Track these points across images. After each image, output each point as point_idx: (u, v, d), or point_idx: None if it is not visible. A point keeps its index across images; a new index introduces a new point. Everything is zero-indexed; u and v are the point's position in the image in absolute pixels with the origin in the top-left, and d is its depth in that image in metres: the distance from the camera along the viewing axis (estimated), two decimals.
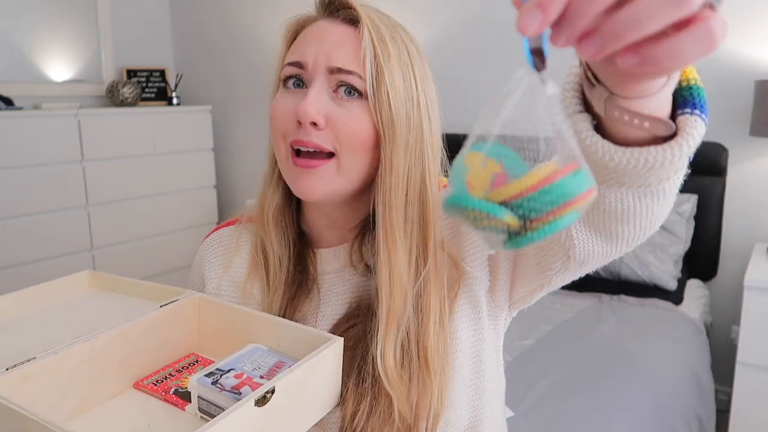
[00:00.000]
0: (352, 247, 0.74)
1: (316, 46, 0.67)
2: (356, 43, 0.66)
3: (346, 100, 0.65)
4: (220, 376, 0.59)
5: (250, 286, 0.78)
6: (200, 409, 0.59)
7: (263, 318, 0.68)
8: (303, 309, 0.75)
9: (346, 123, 0.65)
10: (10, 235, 2.64)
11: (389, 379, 0.65)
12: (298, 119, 0.65)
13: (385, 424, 0.67)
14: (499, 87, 0.36)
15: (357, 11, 0.67)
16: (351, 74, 0.65)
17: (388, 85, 0.65)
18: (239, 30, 3.44)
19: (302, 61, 0.67)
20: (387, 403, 0.66)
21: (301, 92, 0.68)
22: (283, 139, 0.68)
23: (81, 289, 0.81)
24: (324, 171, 0.65)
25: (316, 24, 0.70)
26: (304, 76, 0.68)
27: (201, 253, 0.85)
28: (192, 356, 0.71)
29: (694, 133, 0.45)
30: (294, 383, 0.57)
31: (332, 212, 0.74)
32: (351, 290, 0.75)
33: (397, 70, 0.66)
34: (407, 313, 0.67)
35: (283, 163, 0.69)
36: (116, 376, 0.64)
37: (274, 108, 0.69)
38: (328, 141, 0.65)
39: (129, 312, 0.67)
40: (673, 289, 2.06)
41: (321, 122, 0.64)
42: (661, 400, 1.51)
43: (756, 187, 2.19)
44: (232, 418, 0.50)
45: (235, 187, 3.64)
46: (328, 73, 0.66)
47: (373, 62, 0.65)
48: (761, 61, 2.12)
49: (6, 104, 2.71)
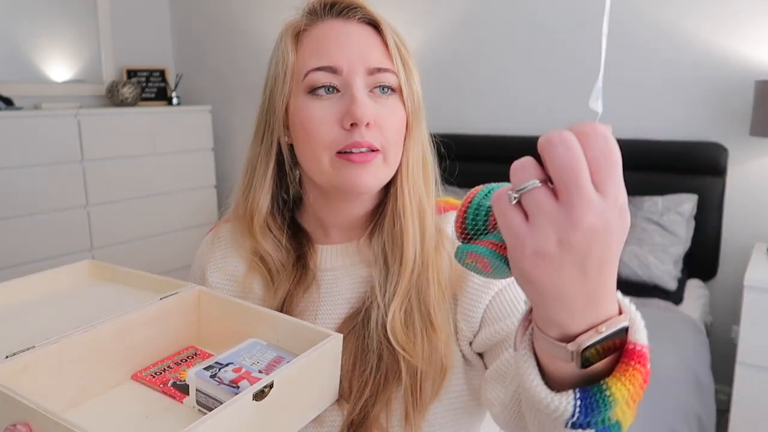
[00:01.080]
0: (360, 243, 0.76)
1: (345, 48, 0.68)
2: (380, 41, 0.70)
3: (383, 97, 0.69)
4: (219, 370, 0.59)
5: (250, 282, 0.78)
6: (198, 402, 0.59)
7: (262, 313, 0.68)
8: (301, 305, 0.76)
9: (390, 120, 0.69)
10: (10, 235, 2.64)
11: (397, 339, 0.68)
12: (352, 122, 0.66)
13: (393, 387, 0.69)
14: (496, 88, 0.36)
15: (370, 10, 0.70)
16: (388, 72, 0.69)
17: (414, 76, 0.71)
18: (239, 30, 3.44)
19: (335, 65, 0.68)
20: (394, 367, 0.69)
21: (335, 97, 0.68)
22: (327, 149, 0.68)
23: (81, 278, 0.81)
24: (375, 165, 0.69)
25: (327, 26, 0.70)
26: (338, 80, 0.68)
27: (202, 249, 0.86)
28: (191, 349, 0.71)
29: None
30: (292, 378, 0.57)
31: (353, 206, 0.75)
32: (355, 285, 0.76)
33: (413, 61, 0.72)
34: (417, 271, 0.72)
35: (326, 167, 0.69)
36: (115, 367, 0.64)
37: (310, 119, 0.68)
38: (376, 139, 0.68)
39: (129, 303, 0.67)
40: (673, 289, 2.06)
41: (372, 123, 0.67)
42: (661, 400, 1.50)
43: (756, 187, 2.19)
44: (230, 411, 0.50)
45: (235, 187, 3.64)
46: (367, 74, 0.68)
47: (399, 58, 0.70)
48: (761, 61, 2.12)
49: (6, 104, 2.72)
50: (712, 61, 2.20)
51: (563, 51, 2.49)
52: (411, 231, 0.71)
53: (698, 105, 2.25)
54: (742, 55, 2.15)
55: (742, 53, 2.15)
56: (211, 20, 3.54)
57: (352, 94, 0.67)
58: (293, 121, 0.71)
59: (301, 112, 0.69)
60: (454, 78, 2.75)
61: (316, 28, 0.70)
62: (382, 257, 0.73)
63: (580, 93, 2.47)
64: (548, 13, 2.51)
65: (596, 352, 0.41)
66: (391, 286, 0.71)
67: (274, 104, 0.72)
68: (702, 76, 2.23)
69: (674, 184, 2.23)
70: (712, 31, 2.19)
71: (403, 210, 0.72)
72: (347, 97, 0.68)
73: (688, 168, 2.23)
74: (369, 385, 0.69)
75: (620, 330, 0.41)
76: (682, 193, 2.18)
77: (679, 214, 2.13)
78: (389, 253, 0.73)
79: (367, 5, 0.71)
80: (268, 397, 0.53)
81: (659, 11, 2.28)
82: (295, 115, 0.70)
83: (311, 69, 0.68)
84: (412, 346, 0.68)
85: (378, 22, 0.70)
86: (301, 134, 0.70)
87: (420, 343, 0.69)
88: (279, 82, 0.71)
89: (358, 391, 0.69)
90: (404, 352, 0.68)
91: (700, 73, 2.23)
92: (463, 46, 2.73)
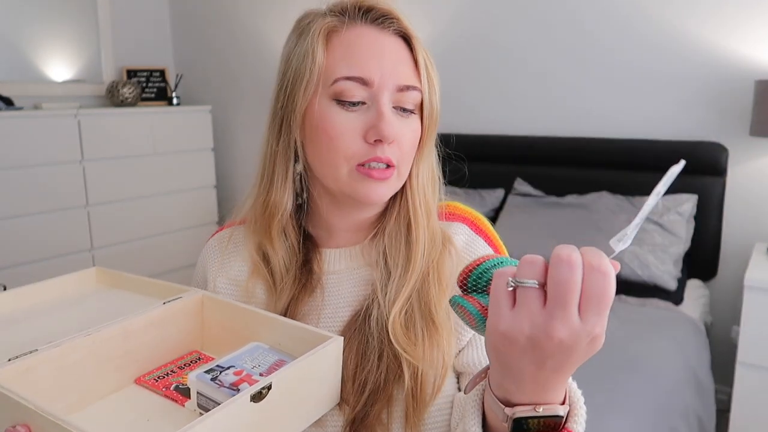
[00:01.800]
0: (365, 245, 0.77)
1: (377, 60, 0.67)
2: (410, 56, 0.70)
3: (404, 115, 0.70)
4: (220, 373, 0.59)
5: (253, 286, 0.78)
6: (199, 405, 0.59)
7: (265, 316, 0.68)
8: (305, 308, 0.76)
9: (409, 137, 0.70)
10: (10, 235, 2.64)
11: (399, 341, 0.68)
12: (376, 139, 0.67)
13: (394, 387, 0.69)
14: (498, 88, 0.37)
15: (405, 23, 0.70)
16: (415, 90, 0.69)
17: (436, 93, 0.72)
18: (239, 30, 3.44)
19: (366, 78, 0.67)
20: (395, 366, 0.69)
21: (361, 109, 0.68)
22: (347, 160, 0.68)
23: (89, 285, 0.82)
24: (391, 180, 0.70)
25: (360, 31, 0.69)
26: (367, 93, 0.67)
27: (204, 254, 0.86)
28: (195, 353, 0.71)
29: None
30: (291, 380, 0.57)
31: (363, 212, 0.75)
32: (359, 287, 0.76)
33: (437, 77, 0.72)
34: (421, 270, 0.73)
35: (343, 176, 0.69)
36: (118, 370, 0.64)
37: (333, 127, 0.68)
38: (394, 155, 0.69)
39: (133, 308, 0.68)
40: (673, 289, 2.06)
41: (394, 140, 0.68)
42: (661, 399, 1.51)
43: (756, 187, 2.19)
44: (227, 412, 0.50)
45: (235, 187, 3.64)
46: (396, 90, 0.68)
47: (426, 75, 0.70)
48: (761, 61, 2.12)
49: (6, 104, 2.71)
50: (712, 61, 2.20)
51: (573, 52, 2.49)
52: (421, 239, 0.73)
53: (698, 105, 2.25)
54: (742, 55, 2.15)
55: (742, 53, 2.15)
56: (211, 20, 3.54)
57: (379, 110, 0.67)
58: (313, 124, 0.69)
59: (325, 118, 0.68)
60: (454, 79, 2.75)
61: (348, 32, 0.69)
62: (383, 259, 0.74)
63: (590, 93, 2.47)
64: (549, 14, 2.51)
65: (537, 424, 0.48)
66: (393, 289, 0.71)
67: (294, 101, 0.70)
68: (702, 75, 2.23)
69: (674, 184, 2.22)
70: (712, 31, 2.19)
71: (414, 219, 0.73)
72: (374, 111, 0.67)
73: (688, 168, 2.22)
74: (369, 384, 0.69)
75: (556, 415, 0.48)
76: (682, 193, 2.19)
77: (679, 214, 2.14)
78: (389, 256, 0.73)
79: (402, 17, 0.70)
80: (267, 399, 0.53)
81: (660, 11, 2.28)
82: (318, 119, 0.68)
83: (341, 77, 0.67)
84: (413, 347, 0.69)
85: (411, 36, 0.70)
86: (324, 140, 0.68)
87: (421, 342, 0.69)
88: (303, 80, 0.68)
89: (359, 389, 0.69)
90: (406, 354, 0.68)
91: (700, 73, 2.23)
92: (466, 42, 2.73)
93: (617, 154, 2.35)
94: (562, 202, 2.34)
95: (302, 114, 0.70)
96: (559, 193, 2.41)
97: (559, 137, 2.50)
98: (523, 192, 2.48)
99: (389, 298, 0.71)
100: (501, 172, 2.57)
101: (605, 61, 2.41)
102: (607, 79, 2.42)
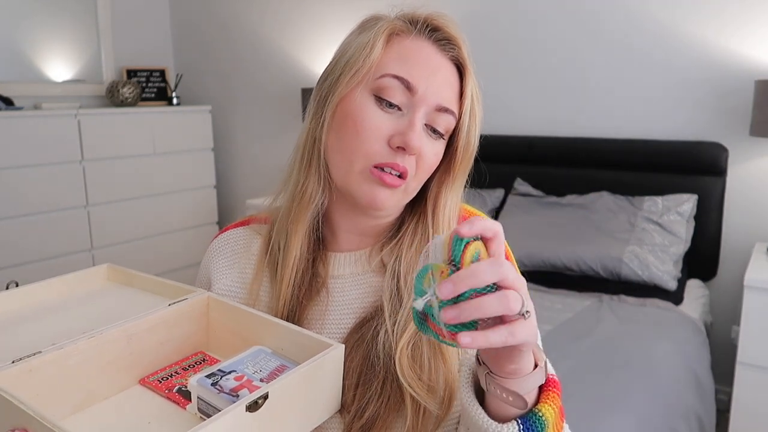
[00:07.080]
0: (371, 252, 0.76)
1: (428, 74, 0.68)
2: (458, 85, 0.71)
3: (433, 137, 0.70)
4: (221, 378, 0.59)
5: (257, 288, 0.78)
6: (199, 409, 0.59)
7: (269, 321, 0.68)
8: (309, 313, 0.75)
9: (431, 157, 0.70)
10: (10, 235, 2.64)
11: (404, 374, 0.66)
12: (400, 146, 0.67)
13: (395, 415, 0.68)
14: (498, 88, 0.37)
15: (464, 53, 0.71)
16: (451, 115, 0.70)
17: (476, 127, 0.72)
18: (239, 30, 3.44)
19: (413, 84, 0.67)
20: (397, 396, 0.68)
21: (395, 114, 0.68)
22: (365, 158, 0.68)
23: (99, 282, 0.83)
24: (398, 191, 0.70)
25: (421, 44, 0.69)
26: (406, 98, 0.68)
27: (209, 253, 0.85)
28: (200, 354, 0.71)
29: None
30: (289, 389, 0.57)
31: (363, 217, 0.75)
32: (364, 294, 0.75)
33: (480, 112, 0.72)
34: None
35: (355, 172, 0.69)
36: (122, 372, 0.64)
37: (364, 121, 0.67)
38: (411, 167, 0.69)
39: (139, 308, 0.68)
40: (673, 289, 2.06)
41: (416, 154, 0.68)
42: (661, 399, 1.51)
43: (756, 187, 2.19)
44: (222, 422, 0.49)
45: (235, 187, 3.64)
46: (434, 109, 0.68)
47: (469, 109, 0.70)
48: (761, 61, 2.12)
49: (6, 104, 2.72)
50: (713, 62, 2.20)
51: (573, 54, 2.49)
52: None
53: (698, 105, 2.25)
54: (742, 55, 2.15)
55: (742, 53, 2.15)
56: (211, 20, 3.54)
57: (412, 119, 0.67)
58: (345, 111, 0.69)
59: (361, 109, 0.68)
60: None
61: (409, 39, 0.69)
62: (395, 283, 0.72)
63: (598, 101, 2.47)
64: (548, 15, 2.51)
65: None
66: (403, 320, 0.69)
67: (337, 85, 0.70)
68: (702, 76, 2.23)
69: (674, 184, 2.23)
70: (712, 31, 2.19)
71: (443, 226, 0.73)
72: (407, 120, 0.67)
73: (688, 168, 2.23)
74: (371, 407, 0.68)
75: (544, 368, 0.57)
76: (682, 193, 2.19)
77: (679, 214, 2.14)
78: (403, 284, 0.72)
79: (464, 47, 0.70)
80: (263, 408, 0.53)
81: (660, 12, 2.28)
82: (351, 108, 0.68)
83: (389, 74, 0.67)
84: (417, 381, 0.67)
85: (465, 68, 0.70)
86: (350, 130, 0.68)
87: (427, 373, 0.68)
88: (353, 68, 0.68)
89: (360, 409, 0.68)
90: (410, 389, 0.66)
91: (700, 74, 2.23)
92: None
93: (617, 154, 2.35)
94: (562, 202, 2.34)
95: (340, 98, 0.70)
96: (559, 193, 2.41)
97: (559, 137, 2.50)
98: (523, 192, 2.48)
99: (399, 327, 0.69)
100: (501, 172, 2.57)
101: (605, 61, 2.41)
102: (607, 79, 2.42)
